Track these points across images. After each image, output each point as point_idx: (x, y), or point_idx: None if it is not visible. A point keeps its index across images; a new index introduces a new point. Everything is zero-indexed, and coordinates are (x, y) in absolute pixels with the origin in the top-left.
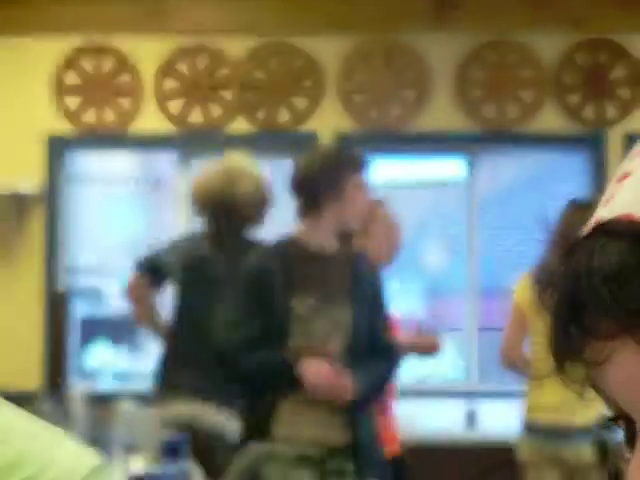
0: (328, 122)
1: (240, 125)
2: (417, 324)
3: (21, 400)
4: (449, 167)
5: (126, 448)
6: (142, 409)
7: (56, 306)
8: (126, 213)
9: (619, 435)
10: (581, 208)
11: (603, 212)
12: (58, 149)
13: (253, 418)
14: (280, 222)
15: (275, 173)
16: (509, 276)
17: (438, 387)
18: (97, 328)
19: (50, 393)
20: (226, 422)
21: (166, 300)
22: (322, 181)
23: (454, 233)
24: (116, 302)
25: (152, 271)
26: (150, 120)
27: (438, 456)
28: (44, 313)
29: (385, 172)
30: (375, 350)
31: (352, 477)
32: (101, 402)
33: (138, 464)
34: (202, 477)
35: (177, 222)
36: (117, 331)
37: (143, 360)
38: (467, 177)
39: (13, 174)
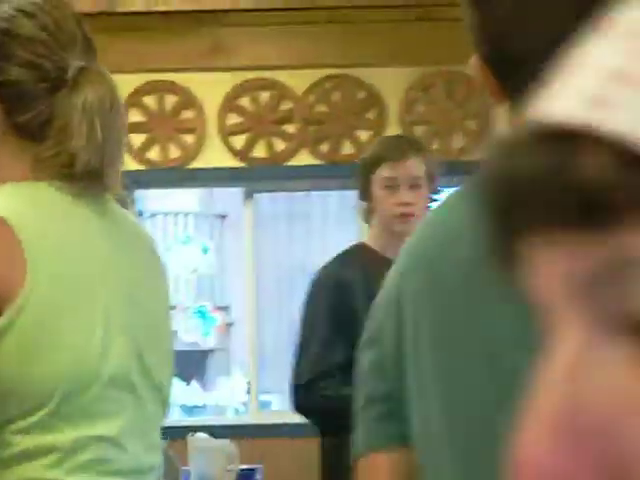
0: None
1: (304, 159)
2: None
3: None
4: None
5: None
6: (215, 441)
7: None
8: (192, 248)
9: None
10: None
11: (590, 114)
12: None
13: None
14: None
15: (339, 205)
16: None
17: None
18: None
19: None
20: None
21: None
22: None
23: None
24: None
25: None
26: (214, 156)
27: None
28: None
29: None
30: None
31: None
32: (174, 436)
33: None
34: None
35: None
36: (186, 366)
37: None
38: None
39: None
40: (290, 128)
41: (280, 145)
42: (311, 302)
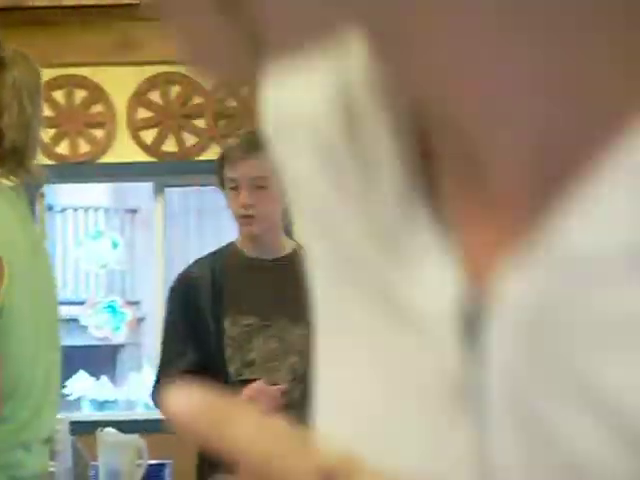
0: None
1: (214, 153)
2: None
3: None
4: None
5: (110, 476)
6: (124, 436)
7: None
8: (102, 243)
9: None
10: None
11: None
12: None
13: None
14: None
15: None
16: None
17: None
18: (77, 359)
19: None
20: None
21: None
22: None
23: None
24: (95, 332)
25: None
26: (124, 150)
27: None
28: None
29: None
30: None
31: None
32: (83, 431)
33: None
34: None
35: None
36: (97, 361)
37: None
38: None
39: None
40: (200, 123)
41: (190, 140)
42: (166, 303)
